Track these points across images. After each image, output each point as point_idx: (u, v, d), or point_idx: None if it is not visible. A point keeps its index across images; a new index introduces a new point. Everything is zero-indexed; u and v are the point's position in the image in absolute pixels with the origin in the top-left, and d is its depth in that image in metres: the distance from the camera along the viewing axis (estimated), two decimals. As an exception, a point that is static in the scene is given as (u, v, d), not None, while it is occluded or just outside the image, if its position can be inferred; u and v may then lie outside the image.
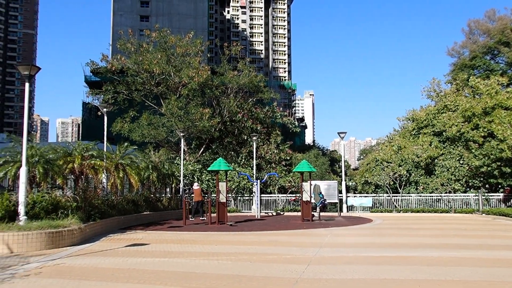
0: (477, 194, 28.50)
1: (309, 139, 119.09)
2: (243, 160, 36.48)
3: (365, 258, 10.74)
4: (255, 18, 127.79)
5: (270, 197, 31.46)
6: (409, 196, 30.08)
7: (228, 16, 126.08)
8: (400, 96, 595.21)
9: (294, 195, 31.19)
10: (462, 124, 32.54)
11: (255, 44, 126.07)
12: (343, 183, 30.28)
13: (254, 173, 30.90)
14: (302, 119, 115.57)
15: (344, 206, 29.28)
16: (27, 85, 13.10)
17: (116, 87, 36.03)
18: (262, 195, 29.08)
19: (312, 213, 22.84)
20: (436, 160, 31.97)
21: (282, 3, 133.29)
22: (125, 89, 36.01)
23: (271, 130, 38.88)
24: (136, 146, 24.71)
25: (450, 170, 31.00)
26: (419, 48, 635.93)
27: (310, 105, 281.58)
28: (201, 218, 23.16)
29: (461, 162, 31.28)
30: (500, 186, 29.48)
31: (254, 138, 31.36)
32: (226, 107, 36.61)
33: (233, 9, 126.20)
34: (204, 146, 37.14)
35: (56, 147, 18.81)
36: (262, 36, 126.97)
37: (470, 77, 38.70)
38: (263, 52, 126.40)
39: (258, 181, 26.46)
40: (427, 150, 32.12)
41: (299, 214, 23.92)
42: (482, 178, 30.20)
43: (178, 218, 22.75)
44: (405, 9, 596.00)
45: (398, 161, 32.06)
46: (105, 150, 20.64)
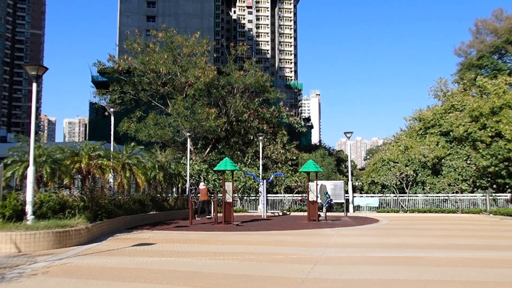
0: (484, 194, 28.34)
1: (315, 139, 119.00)
2: (249, 160, 36.49)
3: (371, 259, 10.71)
4: (261, 18, 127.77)
5: (277, 197, 31.44)
6: (416, 196, 29.95)
7: (234, 16, 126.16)
8: (406, 96, 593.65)
9: (300, 195, 31.11)
10: (470, 124, 32.40)
11: (261, 44, 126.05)
12: (350, 183, 30.19)
13: (260, 173, 30.88)
14: (308, 119, 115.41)
15: (350, 206, 29.20)
16: (35, 85, 13.18)
17: (122, 87, 36.20)
18: (268, 195, 29.06)
19: (318, 213, 22.80)
20: (443, 160, 31.82)
21: (288, 3, 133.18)
22: (131, 89, 36.16)
23: (277, 130, 38.87)
24: (142, 146, 24.78)
25: (457, 170, 30.84)
26: (426, 48, 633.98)
27: (316, 105, 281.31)
28: (207, 217, 23.19)
29: (468, 162, 31.12)
30: (507, 186, 29.32)
31: (260, 138, 31.35)
32: (232, 107, 36.64)
33: (239, 9, 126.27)
34: (210, 146, 37.20)
35: (63, 147, 18.90)
36: (268, 36, 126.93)
37: (478, 76, 38.52)
38: (269, 52, 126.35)
39: (264, 181, 26.44)
40: (434, 150, 31.98)
41: (305, 214, 23.87)
42: (489, 178, 30.07)
43: (185, 218, 22.78)
44: (411, 9, 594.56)
45: (404, 161, 31.93)
46: (112, 150, 20.69)
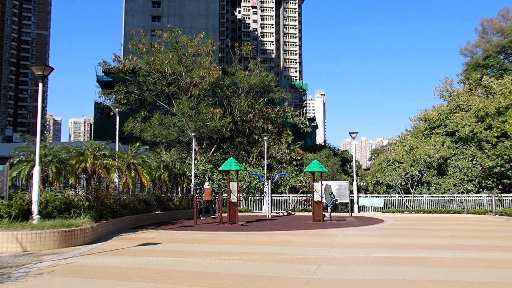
0: (490, 195, 28.19)
1: (320, 139, 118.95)
2: (254, 160, 36.50)
3: (376, 259, 10.69)
4: (266, 18, 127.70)
5: (281, 197, 31.44)
6: (421, 196, 29.84)
7: (239, 16, 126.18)
8: (411, 96, 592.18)
9: (305, 195, 31.09)
10: (475, 124, 32.24)
11: (266, 44, 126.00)
12: (354, 183, 30.13)
13: (265, 173, 30.87)
14: (313, 119, 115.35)
15: (355, 206, 29.13)
16: (41, 85, 13.24)
17: (128, 87, 36.27)
18: (273, 195, 29.05)
19: (323, 213, 22.78)
20: (448, 160, 31.69)
21: (293, 3, 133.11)
22: (136, 89, 36.24)
23: (282, 130, 38.86)
24: (147, 146, 24.82)
25: (462, 170, 30.71)
26: (432, 48, 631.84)
27: (321, 105, 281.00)
28: (212, 217, 23.21)
29: (474, 162, 30.98)
30: (513, 187, 29.17)
31: (265, 138, 31.36)
32: (237, 107, 36.66)
33: (244, 9, 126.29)
34: (215, 146, 37.24)
35: (68, 147, 18.98)
36: (273, 36, 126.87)
37: (484, 76, 38.30)
38: (274, 52, 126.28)
39: (269, 181, 26.43)
40: (440, 150, 31.85)
41: (310, 214, 23.85)
42: (495, 179, 29.91)
43: (189, 218, 22.83)
44: (416, 9, 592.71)
45: (410, 161, 31.83)
46: (117, 149, 20.75)
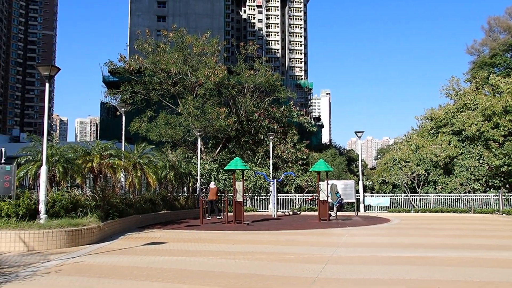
0: (497, 194, 28.05)
1: (325, 138, 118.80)
2: (260, 159, 36.49)
3: (382, 258, 10.67)
4: (272, 18, 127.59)
5: (287, 196, 31.43)
6: (427, 196, 29.73)
7: (244, 15, 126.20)
8: (417, 95, 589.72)
9: (311, 195, 31.06)
10: (482, 123, 32.04)
11: (272, 43, 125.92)
12: (360, 183, 30.07)
13: (271, 172, 30.87)
14: (318, 118, 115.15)
15: (361, 205, 29.08)
16: (47, 85, 13.32)
17: (133, 87, 36.34)
18: (278, 195, 29.06)
19: (329, 212, 22.76)
20: (455, 159, 31.53)
21: (298, 3, 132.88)
22: (142, 89, 36.30)
23: (288, 130, 38.82)
24: (153, 146, 24.90)
25: (469, 169, 30.55)
26: (438, 46, 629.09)
27: (327, 104, 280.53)
28: (217, 217, 23.23)
29: (480, 161, 30.80)
30: (521, 186, 29.00)
31: (270, 137, 31.36)
32: (242, 107, 36.66)
33: (249, 8, 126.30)
34: (220, 146, 37.26)
35: (75, 147, 19.08)
36: (278, 35, 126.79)
37: (490, 75, 38.03)
38: (280, 51, 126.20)
39: (275, 180, 26.43)
40: (446, 149, 31.69)
41: (316, 213, 23.84)
42: (502, 178, 29.75)
43: (195, 217, 22.86)
44: (421, 7, 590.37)
45: (416, 160, 31.71)
46: (123, 149, 20.84)
